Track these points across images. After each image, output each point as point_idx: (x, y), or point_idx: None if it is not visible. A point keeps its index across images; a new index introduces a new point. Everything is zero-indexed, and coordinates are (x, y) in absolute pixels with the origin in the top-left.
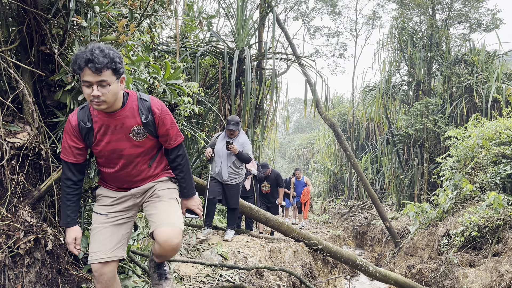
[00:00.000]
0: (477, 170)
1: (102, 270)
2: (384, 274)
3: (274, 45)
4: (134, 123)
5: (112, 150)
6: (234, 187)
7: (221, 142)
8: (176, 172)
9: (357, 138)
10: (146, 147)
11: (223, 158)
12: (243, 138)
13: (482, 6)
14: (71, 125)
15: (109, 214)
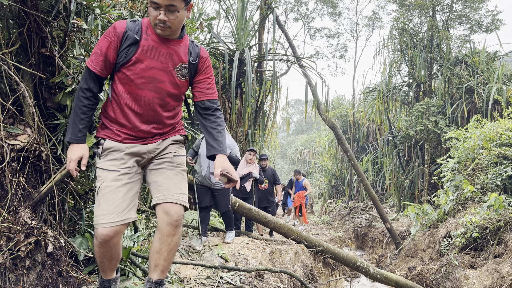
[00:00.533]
0: (478, 171)
1: (112, 234)
2: (385, 275)
3: (275, 46)
4: (183, 59)
5: (151, 78)
6: (224, 189)
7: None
8: (214, 125)
9: (357, 139)
10: (181, 91)
11: (210, 162)
12: (229, 139)
13: (483, 7)
14: (116, 31)
15: (121, 170)
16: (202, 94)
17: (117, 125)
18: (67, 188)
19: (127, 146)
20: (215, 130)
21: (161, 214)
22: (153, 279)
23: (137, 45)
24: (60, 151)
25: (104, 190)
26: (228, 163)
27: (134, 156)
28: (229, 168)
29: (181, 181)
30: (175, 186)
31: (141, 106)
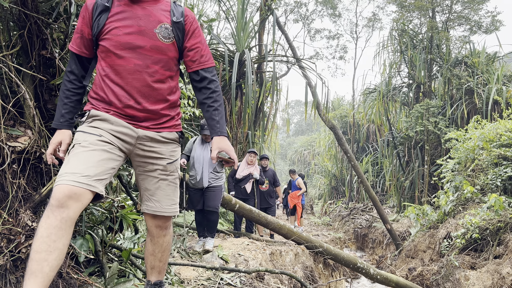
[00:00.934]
0: (478, 172)
1: (70, 199)
2: (385, 276)
3: (275, 47)
4: (163, 19)
5: (129, 44)
6: (216, 189)
7: (199, 148)
8: (210, 101)
9: (357, 140)
10: (168, 56)
11: (204, 164)
12: None
13: (482, 8)
14: (86, 5)
15: (103, 137)
16: (195, 63)
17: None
18: None
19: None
20: (212, 107)
21: (149, 218)
22: (152, 281)
23: (108, 11)
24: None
25: (77, 149)
26: (225, 143)
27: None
28: (226, 148)
29: (173, 191)
30: (167, 198)
31: (124, 77)
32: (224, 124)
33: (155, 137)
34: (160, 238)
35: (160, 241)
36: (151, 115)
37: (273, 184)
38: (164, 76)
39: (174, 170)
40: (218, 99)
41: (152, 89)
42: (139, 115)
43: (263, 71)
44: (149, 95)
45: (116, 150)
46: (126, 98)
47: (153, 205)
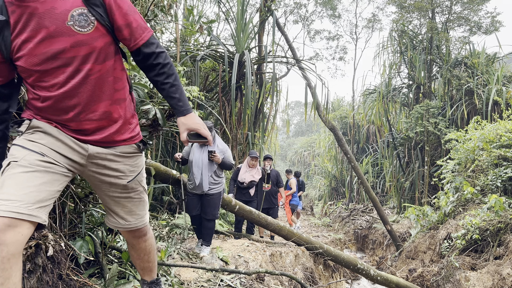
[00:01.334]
0: (478, 172)
1: (6, 233)
2: (386, 277)
3: (274, 48)
4: (71, 5)
5: (44, 53)
6: (215, 196)
7: (198, 151)
8: (163, 78)
9: (357, 141)
10: (97, 46)
11: (203, 168)
12: (221, 143)
13: (482, 8)
14: None
15: (46, 156)
16: (131, 41)
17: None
18: (68, 191)
19: (60, 135)
20: (167, 84)
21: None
22: (147, 280)
23: (8, 25)
24: None
25: (14, 169)
26: (193, 121)
27: (66, 157)
28: (195, 127)
29: (138, 206)
30: (131, 214)
31: (57, 91)
32: (186, 99)
33: (109, 154)
34: (141, 244)
35: (142, 246)
36: (101, 123)
37: (276, 184)
38: (103, 71)
39: (136, 187)
40: (171, 72)
41: (93, 91)
42: (87, 127)
43: (263, 72)
44: (92, 99)
45: (62, 169)
46: (67, 110)
47: (116, 221)
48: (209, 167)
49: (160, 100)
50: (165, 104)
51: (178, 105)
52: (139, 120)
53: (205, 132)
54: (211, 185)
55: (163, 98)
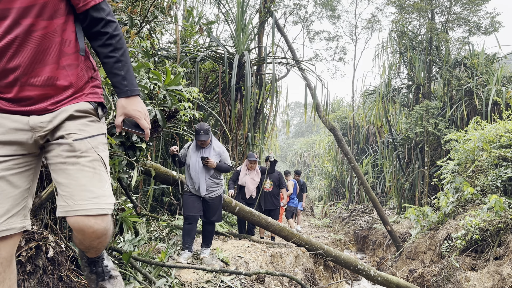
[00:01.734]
0: (478, 173)
1: None
2: (386, 278)
3: (274, 49)
4: None
5: None
6: (216, 200)
7: (194, 154)
8: (108, 50)
9: (357, 142)
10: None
11: (200, 172)
12: (218, 145)
13: (481, 9)
14: None
15: None
16: (80, 3)
17: None
18: None
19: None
20: (111, 58)
21: (73, 230)
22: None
23: None
24: None
25: None
26: (133, 107)
27: (14, 132)
28: (134, 113)
29: (91, 179)
30: (81, 189)
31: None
32: (133, 79)
33: (56, 117)
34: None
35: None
36: (46, 90)
37: (278, 186)
38: (49, 29)
39: (88, 151)
40: (119, 46)
41: (36, 52)
42: (29, 93)
43: (263, 73)
44: (35, 60)
45: (14, 162)
46: (7, 73)
47: (63, 203)
48: (206, 171)
49: (160, 102)
50: (165, 105)
51: (122, 84)
52: None
53: (144, 124)
54: (211, 188)
55: (163, 99)
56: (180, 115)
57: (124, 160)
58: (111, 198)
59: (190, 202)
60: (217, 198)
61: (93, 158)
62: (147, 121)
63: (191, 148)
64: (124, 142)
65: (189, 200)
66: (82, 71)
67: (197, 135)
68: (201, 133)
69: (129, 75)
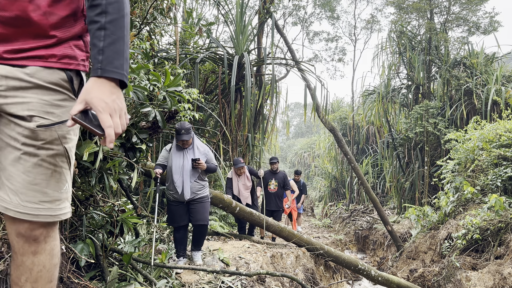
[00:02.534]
0: (478, 172)
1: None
2: (387, 278)
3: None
4: None
5: None
6: (204, 199)
7: (177, 156)
8: (93, 13)
9: (357, 142)
10: None
11: (185, 174)
12: (201, 145)
13: (480, 9)
14: None
15: None
16: None
17: None
18: None
19: None
20: (95, 24)
21: (7, 221)
22: None
23: None
24: None
25: None
26: (101, 93)
27: None
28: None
29: (49, 177)
30: (32, 189)
31: None
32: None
33: (13, 76)
34: (27, 257)
35: (27, 262)
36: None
37: (283, 187)
38: None
39: (52, 141)
40: (110, 10)
41: None
42: None
43: (262, 74)
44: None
45: None
46: None
47: (6, 197)
48: (191, 172)
49: (160, 103)
50: (165, 107)
51: (95, 59)
52: (138, 123)
53: (105, 120)
54: (197, 191)
55: (163, 101)
56: (180, 116)
57: (124, 162)
58: (67, 203)
59: (176, 211)
60: (205, 198)
61: (57, 152)
62: (114, 118)
63: (172, 150)
64: (124, 143)
65: (175, 209)
66: (68, 19)
67: (178, 135)
68: (182, 132)
69: (111, 50)
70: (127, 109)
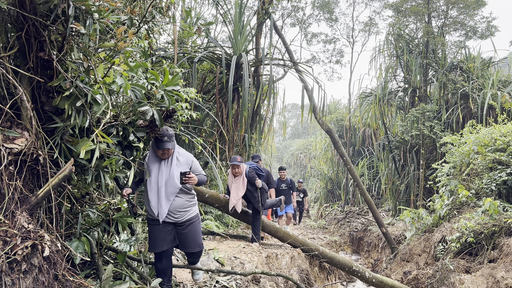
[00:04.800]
0: (473, 176)
1: None
2: (381, 280)
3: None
4: None
5: None
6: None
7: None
8: None
9: (353, 144)
10: None
11: (161, 192)
12: (183, 153)
13: (478, 13)
14: None
15: None
16: None
17: None
18: (64, 192)
19: None
20: None
21: None
22: None
23: None
24: (57, 155)
25: None
26: None
27: None
28: None
29: None
30: None
31: None
32: None
33: None
34: None
35: None
36: None
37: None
38: None
39: None
40: None
41: None
42: None
43: (260, 74)
44: None
45: None
46: None
47: None
48: (170, 189)
49: (158, 102)
50: (163, 106)
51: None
52: (136, 121)
53: None
54: (183, 209)
55: (161, 99)
56: (177, 115)
57: (121, 160)
58: None
59: (158, 234)
60: (194, 219)
61: None
62: None
63: (151, 159)
64: (122, 141)
65: (155, 231)
66: None
67: (159, 143)
68: (165, 139)
69: None
70: (125, 108)
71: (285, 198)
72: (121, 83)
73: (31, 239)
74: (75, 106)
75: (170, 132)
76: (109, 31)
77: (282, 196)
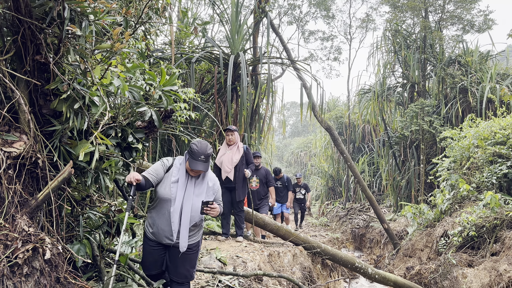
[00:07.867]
0: (474, 170)
1: None
2: (384, 276)
3: (269, 49)
4: None
5: None
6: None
7: (182, 182)
8: None
9: (353, 141)
10: None
11: (185, 218)
12: (213, 177)
13: (474, 7)
14: None
15: None
16: None
17: None
18: (64, 195)
19: None
20: None
21: None
22: None
23: None
24: (57, 158)
25: None
26: None
27: None
28: None
29: None
30: None
31: None
32: None
33: None
34: None
35: None
36: None
37: (266, 184)
38: None
39: None
40: None
41: None
42: None
43: (258, 73)
44: None
45: None
46: None
47: None
48: (193, 214)
49: (156, 102)
50: (161, 106)
51: None
52: (134, 122)
53: None
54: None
55: (159, 100)
56: (176, 116)
57: (121, 161)
58: None
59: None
60: (196, 244)
61: None
62: None
63: (173, 173)
64: (120, 143)
65: (151, 252)
66: None
67: (194, 160)
68: (200, 158)
69: None
70: (123, 109)
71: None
72: (119, 85)
73: (32, 242)
74: (73, 108)
75: (208, 152)
76: (105, 32)
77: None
